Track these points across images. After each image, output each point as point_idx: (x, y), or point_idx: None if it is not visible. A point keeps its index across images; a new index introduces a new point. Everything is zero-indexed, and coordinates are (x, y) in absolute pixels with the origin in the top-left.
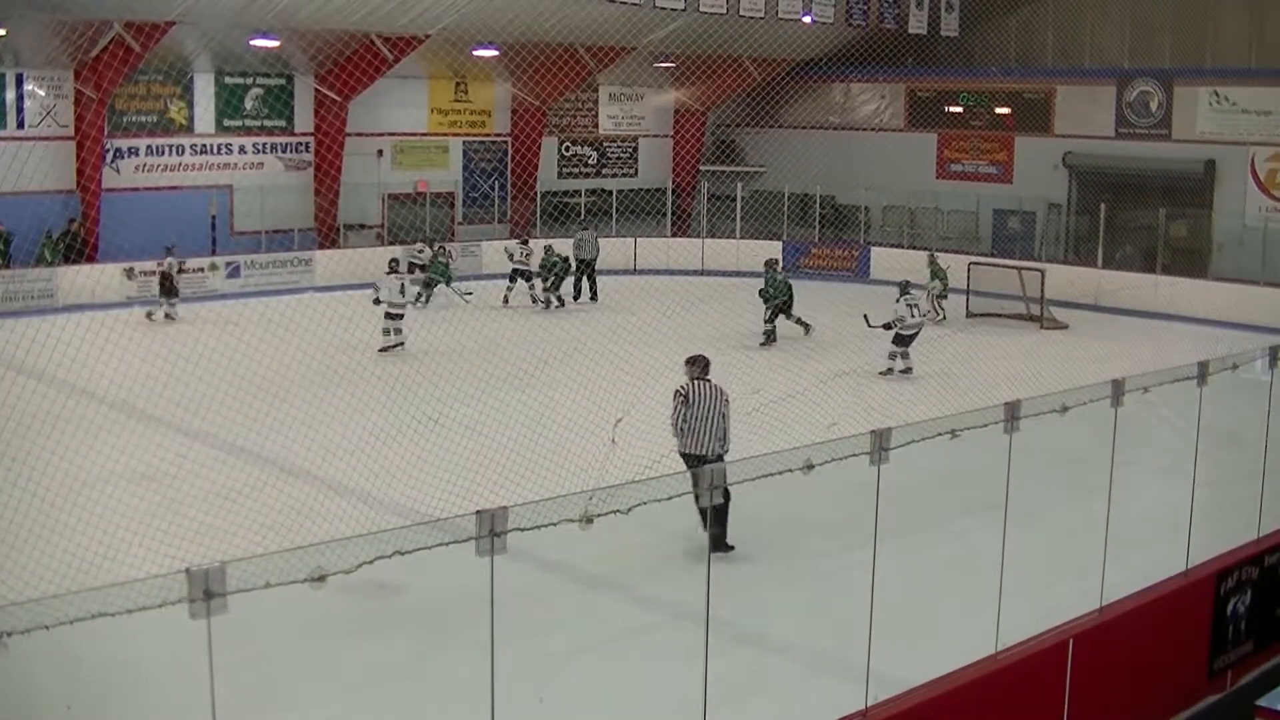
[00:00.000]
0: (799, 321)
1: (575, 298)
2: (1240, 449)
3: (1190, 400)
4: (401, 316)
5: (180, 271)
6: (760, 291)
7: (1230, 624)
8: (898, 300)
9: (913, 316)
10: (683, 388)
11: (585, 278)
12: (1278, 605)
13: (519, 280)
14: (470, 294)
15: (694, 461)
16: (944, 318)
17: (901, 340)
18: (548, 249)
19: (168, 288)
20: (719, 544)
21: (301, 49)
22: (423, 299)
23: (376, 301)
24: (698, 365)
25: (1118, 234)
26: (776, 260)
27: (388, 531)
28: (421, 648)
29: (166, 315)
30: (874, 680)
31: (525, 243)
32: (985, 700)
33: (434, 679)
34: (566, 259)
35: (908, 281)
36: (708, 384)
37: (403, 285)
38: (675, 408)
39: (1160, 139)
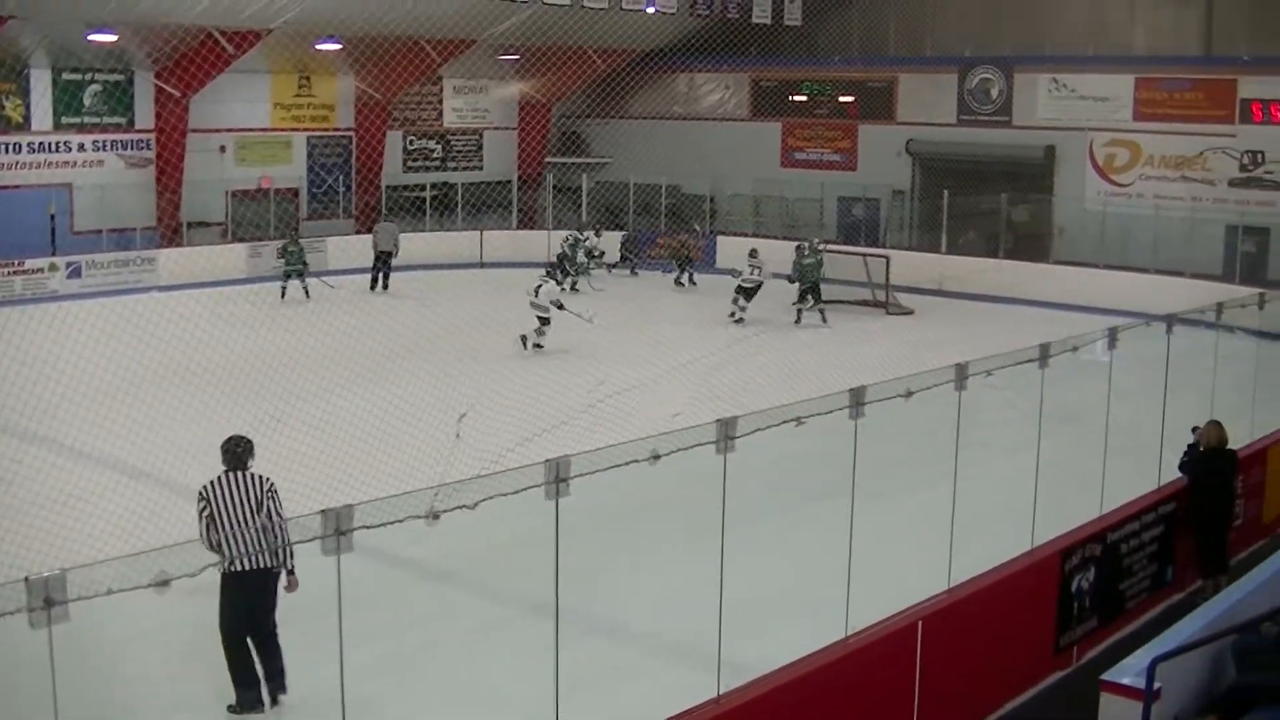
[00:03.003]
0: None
1: (371, 288)
2: (1082, 429)
3: (1033, 382)
4: (541, 319)
5: None
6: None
7: (1075, 601)
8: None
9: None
10: (205, 488)
11: (379, 268)
12: (1120, 581)
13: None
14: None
15: (235, 585)
16: (812, 305)
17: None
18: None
19: None
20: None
21: (141, 44)
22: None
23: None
24: (229, 454)
25: (961, 219)
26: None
27: None
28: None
29: None
30: (726, 668)
31: (599, 233)
32: (837, 684)
33: (292, 680)
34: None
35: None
36: (240, 477)
37: (537, 288)
38: (200, 518)
39: (1001, 125)
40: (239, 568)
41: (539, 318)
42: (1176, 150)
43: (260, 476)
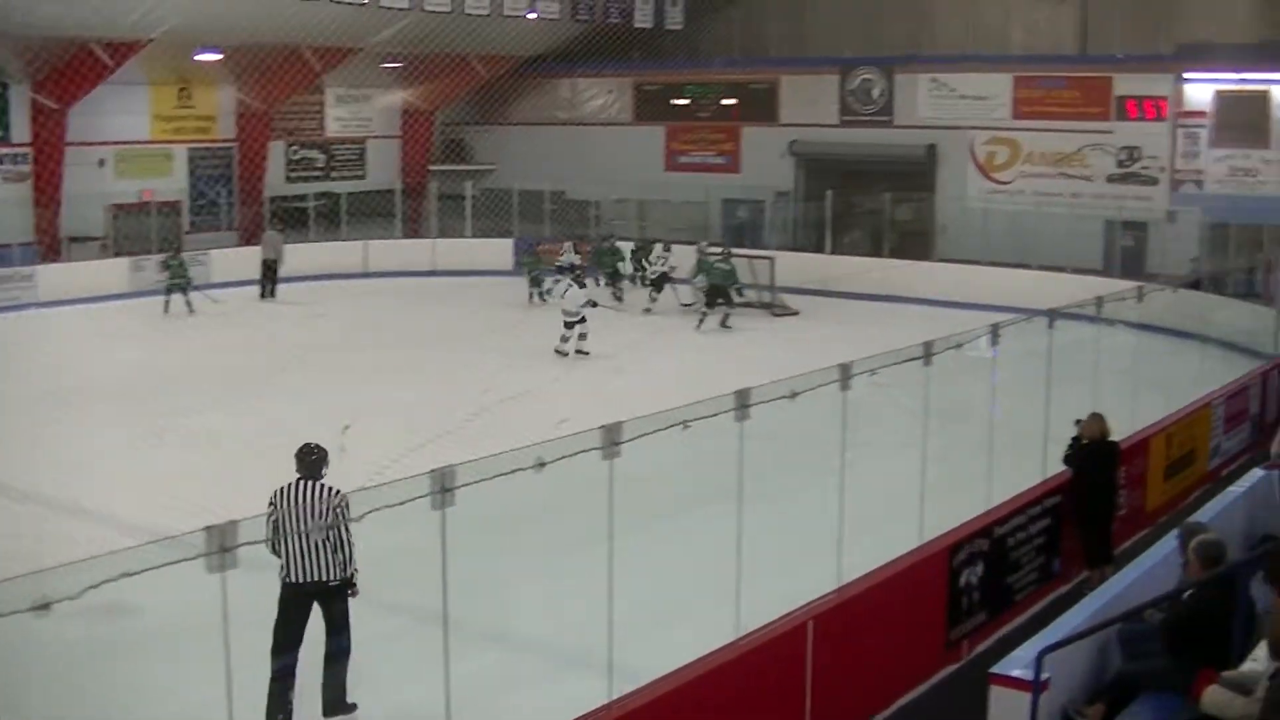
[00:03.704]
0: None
1: (260, 297)
2: (967, 425)
3: (917, 380)
4: (569, 324)
5: None
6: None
7: (964, 595)
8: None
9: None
10: (276, 493)
11: (266, 277)
12: (1008, 574)
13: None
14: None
15: (292, 596)
16: (711, 304)
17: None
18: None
19: None
20: (337, 707)
21: (15, 56)
22: None
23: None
24: (302, 462)
25: (845, 219)
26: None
27: (114, 554)
28: (162, 669)
29: None
30: (618, 673)
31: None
32: (729, 686)
33: (175, 701)
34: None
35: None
36: (310, 486)
37: (564, 292)
38: (266, 522)
39: (883, 125)
40: (295, 579)
41: (567, 324)
42: (1055, 147)
43: (332, 488)
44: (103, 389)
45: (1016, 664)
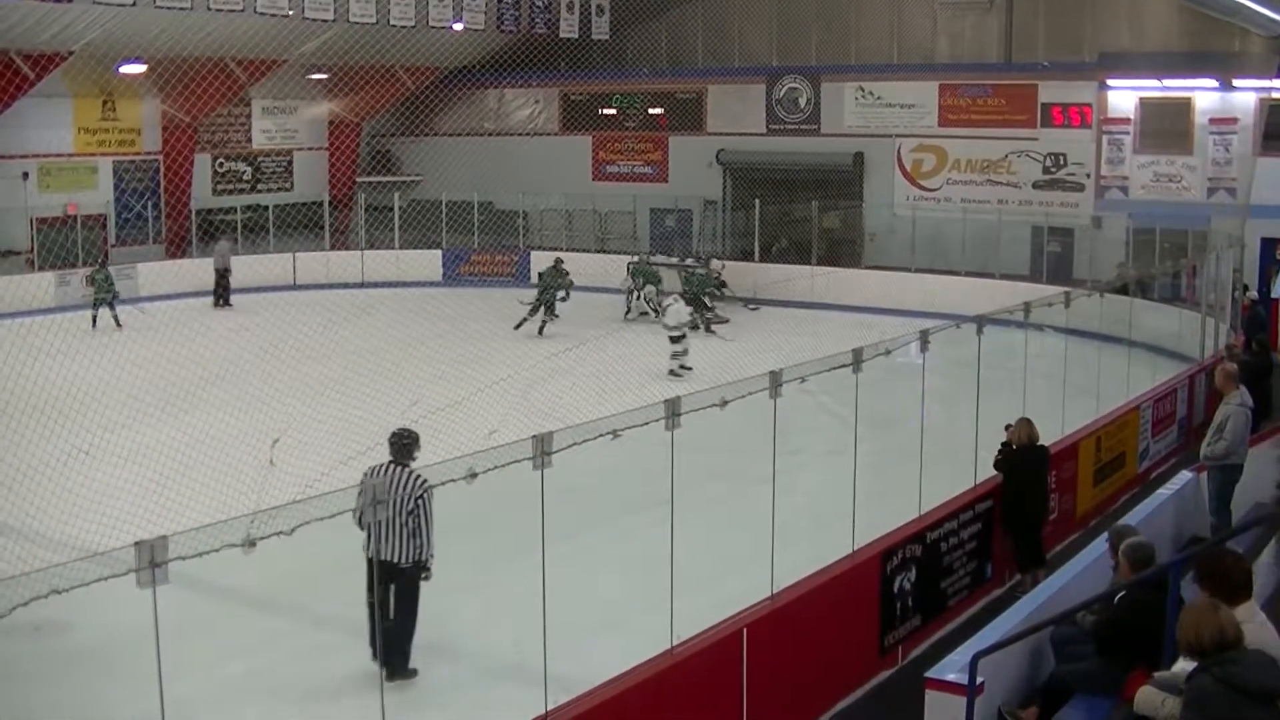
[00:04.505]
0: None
1: (215, 304)
2: (898, 431)
3: (847, 387)
4: (673, 339)
5: None
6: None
7: (898, 600)
8: None
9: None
10: (366, 472)
11: (220, 286)
12: (941, 579)
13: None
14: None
15: (371, 569)
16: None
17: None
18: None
19: None
20: (398, 673)
21: None
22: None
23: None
24: (394, 446)
25: (773, 228)
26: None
27: (42, 570)
28: (93, 686)
29: None
30: (554, 683)
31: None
32: (664, 695)
33: (108, 718)
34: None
35: None
36: (398, 470)
37: (667, 307)
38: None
39: (810, 134)
40: (372, 554)
41: (671, 338)
42: (982, 154)
43: (418, 476)
44: (30, 405)
45: (951, 668)
